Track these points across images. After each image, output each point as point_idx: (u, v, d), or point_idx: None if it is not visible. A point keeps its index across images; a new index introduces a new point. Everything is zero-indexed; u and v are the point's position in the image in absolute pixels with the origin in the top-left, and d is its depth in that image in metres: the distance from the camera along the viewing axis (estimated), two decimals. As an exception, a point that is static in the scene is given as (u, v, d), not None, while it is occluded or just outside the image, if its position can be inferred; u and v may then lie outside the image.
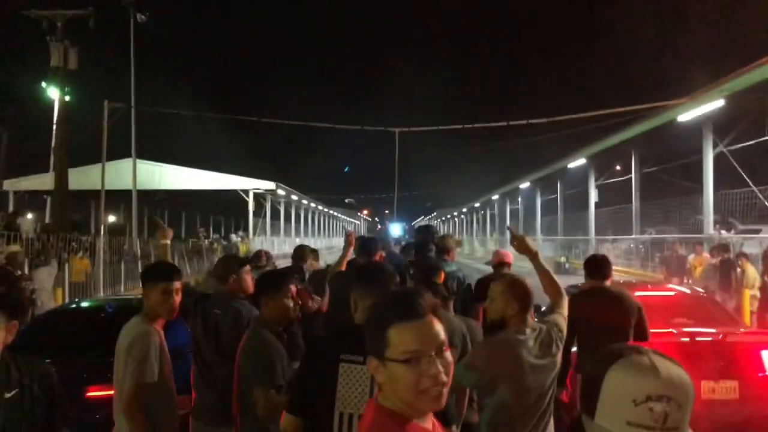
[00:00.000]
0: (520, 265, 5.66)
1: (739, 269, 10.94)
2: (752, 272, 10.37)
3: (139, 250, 22.38)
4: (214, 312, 4.01)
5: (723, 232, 19.33)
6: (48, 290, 12.51)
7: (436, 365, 1.47)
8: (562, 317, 3.26)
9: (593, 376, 1.32)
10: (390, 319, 1.52)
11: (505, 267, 6.11)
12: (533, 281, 3.33)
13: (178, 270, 3.60)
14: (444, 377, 1.48)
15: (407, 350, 1.48)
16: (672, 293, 7.34)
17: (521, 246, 3.54)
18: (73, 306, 8.02)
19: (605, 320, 4.64)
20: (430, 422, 1.57)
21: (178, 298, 3.47)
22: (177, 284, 3.48)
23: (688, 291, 7.86)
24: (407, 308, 1.52)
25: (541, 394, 3.01)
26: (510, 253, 5.99)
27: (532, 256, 3.48)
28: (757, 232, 18.06)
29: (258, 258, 7.05)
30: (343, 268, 5.69)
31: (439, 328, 1.53)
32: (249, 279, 4.16)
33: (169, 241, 4.71)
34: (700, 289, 7.95)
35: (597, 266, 5.05)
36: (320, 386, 2.48)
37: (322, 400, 2.46)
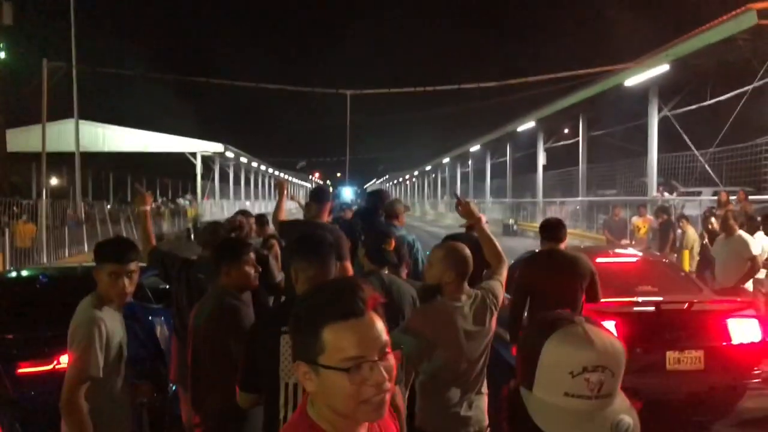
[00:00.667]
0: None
1: (679, 230, 11.30)
2: (692, 233, 10.72)
3: (83, 215, 21.83)
4: (199, 277, 4.02)
5: (665, 194, 19.92)
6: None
7: (379, 371, 1.27)
8: (499, 283, 3.30)
9: (530, 349, 1.31)
10: (324, 317, 1.28)
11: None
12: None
13: (134, 248, 3.17)
14: (387, 384, 1.29)
15: (346, 356, 1.26)
16: (634, 259, 7.02)
17: (466, 211, 3.62)
18: (7, 276, 7.62)
19: (556, 283, 4.72)
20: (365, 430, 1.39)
21: (131, 282, 3.07)
22: (131, 266, 3.05)
23: (650, 257, 7.44)
24: (345, 304, 1.29)
25: (473, 360, 3.06)
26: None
27: (476, 221, 3.56)
28: (698, 194, 18.67)
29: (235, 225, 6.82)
30: (281, 216, 5.53)
31: (381, 327, 1.31)
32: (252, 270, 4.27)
33: (149, 208, 4.62)
34: (656, 253, 7.79)
35: (551, 229, 5.07)
36: (264, 359, 2.50)
37: (268, 373, 2.48)
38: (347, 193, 52.67)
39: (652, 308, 5.42)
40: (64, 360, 4.45)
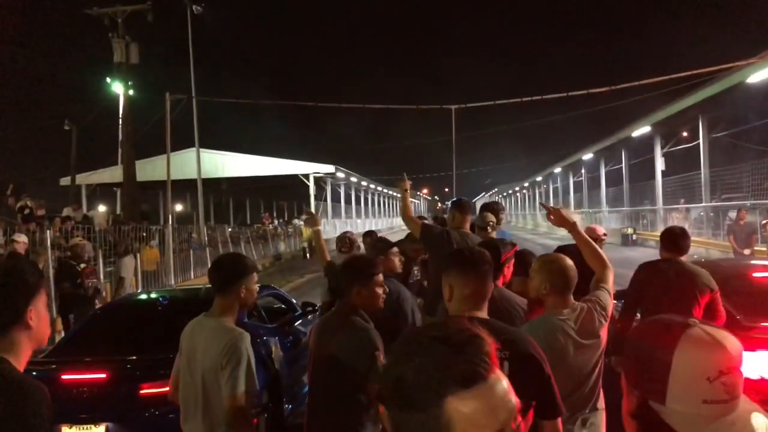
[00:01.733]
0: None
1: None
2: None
3: (206, 238, 23.00)
4: None
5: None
6: (131, 279, 13.22)
7: None
8: (605, 292, 3.15)
9: (654, 360, 1.27)
10: (445, 384, 0.95)
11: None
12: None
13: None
14: None
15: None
16: None
17: (558, 219, 3.57)
18: (134, 299, 7.95)
19: (671, 297, 4.36)
20: None
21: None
22: (256, 276, 3.31)
23: None
24: (468, 369, 0.96)
25: (584, 374, 2.95)
26: (599, 227, 5.75)
27: (570, 227, 3.47)
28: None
29: (342, 242, 6.89)
30: (409, 213, 5.40)
31: (504, 394, 0.99)
32: (397, 260, 4.66)
33: (320, 227, 4.96)
34: None
35: (673, 239, 4.71)
36: None
37: None
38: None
39: None
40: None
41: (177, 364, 3.28)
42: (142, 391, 4.63)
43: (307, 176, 37.83)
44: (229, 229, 29.00)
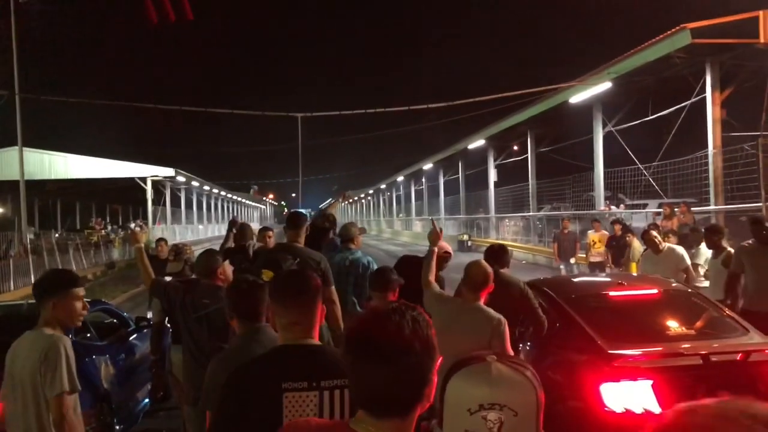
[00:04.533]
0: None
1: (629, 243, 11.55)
2: (637, 246, 10.99)
3: (29, 244, 21.25)
4: (204, 302, 4.28)
5: (613, 207, 20.42)
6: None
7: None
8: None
9: (440, 387, 1.35)
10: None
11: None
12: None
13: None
14: None
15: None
16: (654, 291, 5.39)
17: (436, 238, 4.83)
18: None
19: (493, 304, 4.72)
20: None
21: (83, 306, 3.22)
22: (82, 291, 3.24)
23: (671, 286, 5.63)
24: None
25: None
26: (446, 245, 6.07)
27: (433, 247, 4.78)
28: (644, 206, 19.19)
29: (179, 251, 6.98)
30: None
31: None
32: (230, 271, 4.71)
33: (142, 245, 4.74)
34: (673, 281, 6.02)
35: (494, 255, 5.38)
36: (259, 426, 1.96)
37: None
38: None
39: (698, 360, 4.10)
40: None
41: (4, 387, 3.11)
42: None
43: (144, 180, 36.11)
44: (56, 235, 26.98)
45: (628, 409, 3.91)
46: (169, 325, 5.32)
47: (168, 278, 5.52)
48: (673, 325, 4.81)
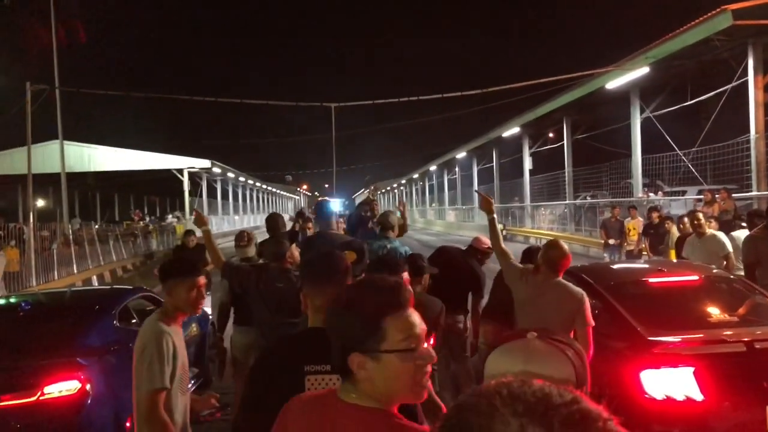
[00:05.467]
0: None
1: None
2: (676, 233, 10.81)
3: (71, 235, 21.74)
4: (278, 286, 4.43)
5: (651, 194, 20.10)
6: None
7: (429, 352, 1.46)
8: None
9: (482, 363, 1.42)
10: (384, 309, 1.46)
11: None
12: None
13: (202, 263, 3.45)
14: (430, 366, 1.48)
15: (407, 338, 1.44)
16: (695, 277, 5.25)
17: (487, 205, 4.62)
18: None
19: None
20: None
21: (202, 293, 3.29)
22: (202, 279, 3.29)
23: (712, 273, 5.52)
24: (399, 298, 1.49)
25: None
26: (485, 239, 6.09)
27: (491, 216, 4.62)
28: (683, 194, 18.85)
29: (241, 238, 7.07)
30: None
31: (419, 318, 1.51)
32: (297, 253, 4.80)
33: (210, 227, 4.99)
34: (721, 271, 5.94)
35: (529, 256, 5.45)
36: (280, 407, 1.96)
37: None
38: (334, 206, 52.41)
39: (742, 348, 4.00)
40: (49, 390, 4.39)
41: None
42: (1, 403, 4.26)
43: (181, 171, 36.61)
44: (96, 227, 27.53)
45: (669, 396, 3.84)
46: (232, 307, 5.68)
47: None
48: (714, 311, 4.70)
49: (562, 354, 1.32)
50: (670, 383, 3.86)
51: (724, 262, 7.22)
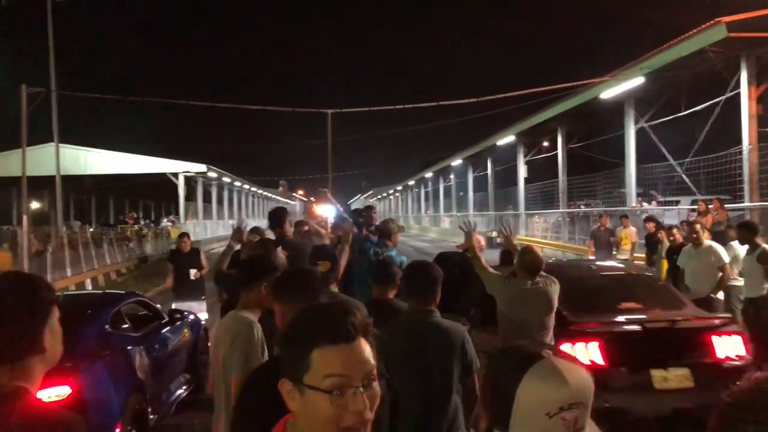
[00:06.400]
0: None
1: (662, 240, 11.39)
2: (666, 244, 10.86)
3: (65, 237, 21.71)
4: None
5: (644, 204, 20.18)
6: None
7: (362, 400, 1.26)
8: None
9: (503, 388, 1.31)
10: (315, 340, 1.28)
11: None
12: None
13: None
14: (369, 414, 1.28)
15: (331, 377, 1.26)
16: (622, 274, 6.99)
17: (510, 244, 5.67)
18: None
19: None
20: None
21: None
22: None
23: (632, 270, 7.51)
24: (336, 328, 1.29)
25: None
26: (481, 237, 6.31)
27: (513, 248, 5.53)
28: (676, 203, 18.94)
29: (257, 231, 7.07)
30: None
31: (369, 353, 1.31)
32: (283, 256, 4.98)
33: (239, 247, 5.29)
34: (641, 267, 7.47)
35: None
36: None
37: None
38: (326, 212, 52.21)
39: (638, 327, 5.34)
40: (39, 396, 4.40)
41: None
42: None
43: (176, 175, 36.60)
44: (91, 230, 27.52)
45: (593, 361, 5.04)
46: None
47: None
48: (626, 301, 5.94)
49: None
50: (582, 354, 5.02)
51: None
